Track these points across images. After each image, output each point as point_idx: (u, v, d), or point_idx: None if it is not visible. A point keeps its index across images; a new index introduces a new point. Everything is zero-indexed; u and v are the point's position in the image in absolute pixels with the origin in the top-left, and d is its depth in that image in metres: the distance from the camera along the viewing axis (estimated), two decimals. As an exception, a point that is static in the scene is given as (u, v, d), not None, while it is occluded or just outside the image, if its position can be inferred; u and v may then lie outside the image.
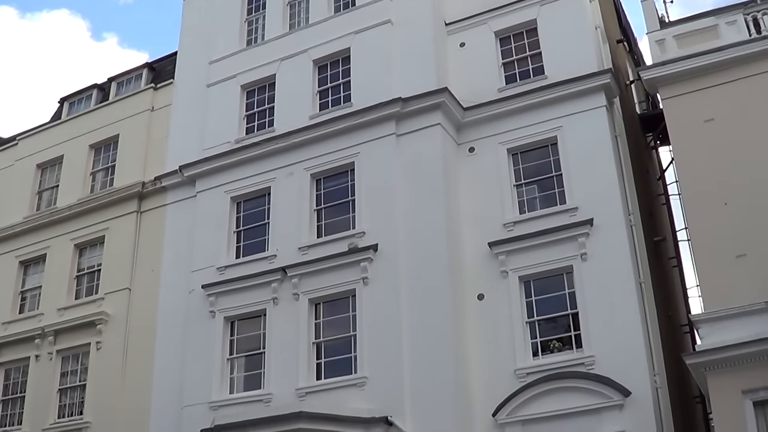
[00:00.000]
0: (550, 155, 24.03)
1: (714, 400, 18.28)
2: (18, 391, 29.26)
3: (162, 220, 28.68)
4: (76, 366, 28.33)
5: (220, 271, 25.88)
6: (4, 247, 31.91)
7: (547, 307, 22.53)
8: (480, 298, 23.07)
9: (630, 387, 20.61)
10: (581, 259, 22.26)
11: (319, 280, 24.11)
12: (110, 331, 27.76)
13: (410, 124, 24.77)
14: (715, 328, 18.63)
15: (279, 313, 24.44)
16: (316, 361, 23.66)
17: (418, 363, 22.04)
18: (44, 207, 32.13)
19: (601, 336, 21.37)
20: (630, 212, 23.01)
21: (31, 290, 30.93)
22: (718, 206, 21.13)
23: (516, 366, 21.92)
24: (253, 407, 23.33)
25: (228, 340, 25.15)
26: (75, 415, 27.60)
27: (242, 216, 26.74)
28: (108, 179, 30.95)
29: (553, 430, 21.04)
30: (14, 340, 29.58)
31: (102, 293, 28.63)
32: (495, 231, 23.47)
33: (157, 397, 25.91)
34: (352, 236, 24.17)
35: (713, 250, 20.93)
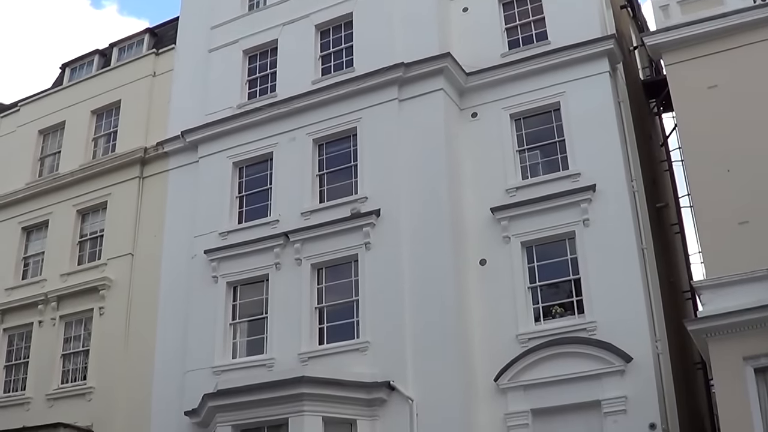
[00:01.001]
0: (552, 121, 23.97)
1: (715, 367, 18.28)
2: (21, 357, 29.33)
3: (164, 185, 28.68)
4: (79, 331, 28.39)
5: (222, 236, 25.91)
6: (6, 213, 31.92)
7: (549, 273, 22.56)
8: (482, 263, 23.10)
9: (631, 353, 20.64)
10: (583, 225, 22.26)
11: (322, 245, 24.14)
12: (113, 297, 27.81)
13: (413, 89, 24.70)
14: (717, 294, 18.60)
15: (281, 278, 24.49)
16: (319, 326, 23.73)
17: (420, 328, 22.12)
18: (46, 173, 32.11)
19: (602, 302, 21.39)
20: (632, 178, 22.99)
21: (33, 256, 30.94)
22: (721, 173, 21.07)
23: (518, 331, 21.97)
24: (255, 372, 23.49)
25: (230, 305, 25.23)
26: (78, 380, 27.67)
27: (244, 181, 26.74)
28: (110, 145, 30.90)
29: (554, 396, 21.09)
30: (17, 306, 29.63)
31: (105, 259, 28.66)
32: (497, 196, 23.46)
33: (160, 362, 26.01)
34: (355, 201, 24.19)
35: (715, 216, 20.89)
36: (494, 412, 21.61)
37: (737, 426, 17.40)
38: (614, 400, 20.49)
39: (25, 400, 28.09)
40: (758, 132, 21.21)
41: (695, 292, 20.80)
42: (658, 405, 20.33)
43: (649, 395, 20.41)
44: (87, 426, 26.28)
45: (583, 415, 20.85)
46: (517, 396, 21.52)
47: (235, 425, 22.21)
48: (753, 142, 21.15)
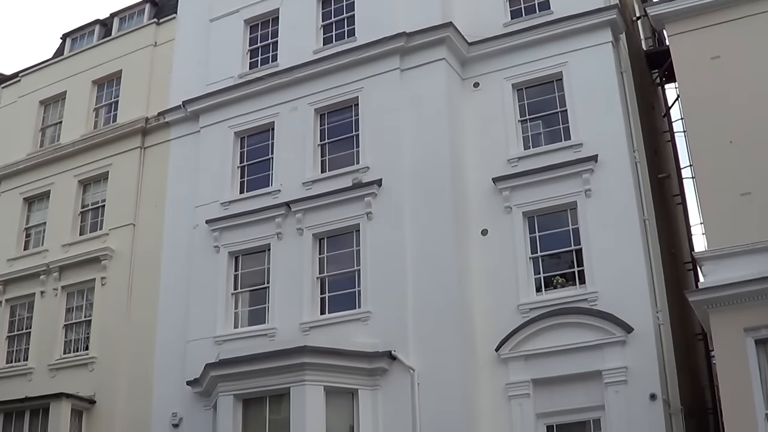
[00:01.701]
0: (555, 91, 23.86)
1: (716, 338, 18.27)
2: (24, 328, 29.43)
3: (165, 155, 28.65)
4: (81, 302, 28.45)
5: (224, 206, 25.91)
6: (8, 184, 31.96)
7: (550, 243, 22.54)
8: (484, 233, 23.09)
9: (632, 323, 20.67)
10: (585, 196, 22.22)
11: (323, 215, 24.15)
12: (115, 267, 27.85)
13: (414, 59, 24.60)
14: (719, 265, 18.56)
15: (283, 248, 24.51)
16: (320, 295, 23.78)
17: (421, 298, 22.15)
18: (47, 143, 32.11)
19: (604, 272, 21.39)
20: (635, 149, 22.91)
21: (35, 227, 30.98)
22: (724, 144, 20.98)
23: (519, 301, 21.99)
24: (257, 342, 23.57)
25: (232, 275, 25.27)
26: (81, 350, 27.76)
27: (246, 151, 26.69)
28: (111, 115, 30.83)
29: (555, 366, 21.15)
30: (19, 277, 29.69)
31: (106, 229, 28.69)
32: (499, 166, 23.40)
33: (162, 332, 26.10)
34: (356, 171, 24.17)
35: (718, 187, 20.83)
36: (495, 382, 21.66)
37: (738, 397, 17.38)
38: (615, 370, 20.53)
39: (27, 371, 28.18)
40: (761, 103, 21.11)
41: (696, 263, 20.76)
42: (658, 375, 20.34)
43: (650, 366, 20.43)
44: (89, 396, 26.46)
45: (583, 386, 20.91)
46: (518, 366, 21.56)
47: (237, 395, 22.24)
48: (756, 113, 21.05)
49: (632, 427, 19.98)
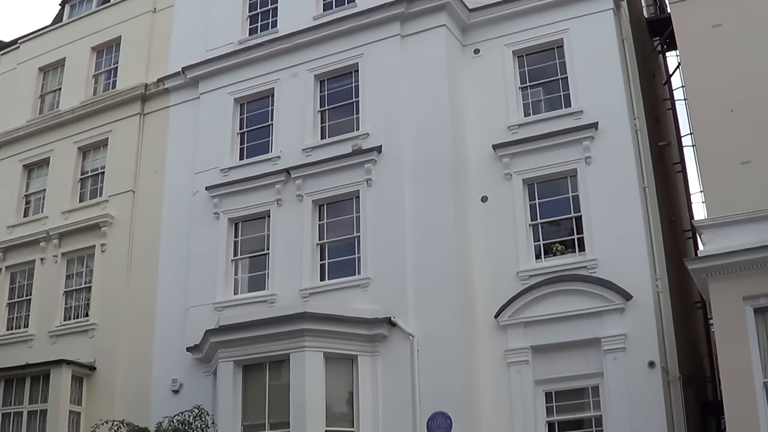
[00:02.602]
0: (555, 58, 23.75)
1: (715, 306, 18.23)
2: (24, 294, 29.44)
3: (165, 122, 28.54)
4: (81, 268, 28.44)
5: (223, 172, 25.87)
6: (7, 151, 31.87)
7: (550, 210, 22.52)
8: (484, 200, 23.06)
9: (631, 291, 20.69)
10: (585, 163, 22.17)
11: (323, 181, 24.12)
12: (115, 234, 27.83)
13: (415, 25, 24.45)
14: (718, 234, 18.49)
15: (283, 215, 24.50)
16: (320, 262, 23.79)
17: (421, 264, 22.15)
18: (47, 110, 31.94)
19: (603, 240, 21.37)
20: (635, 116, 22.81)
21: (35, 194, 30.93)
22: (724, 112, 20.84)
23: (518, 268, 21.99)
24: (257, 308, 23.58)
25: (232, 242, 25.26)
26: (81, 317, 27.78)
27: (246, 117, 26.61)
28: (110, 81, 30.68)
29: (554, 333, 21.20)
30: (19, 244, 29.67)
31: (106, 196, 28.63)
32: (499, 133, 23.31)
33: (162, 299, 26.12)
34: (356, 138, 24.11)
35: (718, 156, 20.71)
36: (494, 349, 21.70)
37: (736, 365, 17.35)
38: (614, 337, 20.56)
39: (27, 337, 28.23)
40: (762, 72, 20.98)
41: (696, 231, 20.74)
42: (657, 343, 20.39)
43: (649, 333, 20.48)
44: (90, 362, 26.50)
45: (582, 353, 20.98)
46: (517, 333, 21.60)
47: (237, 361, 22.31)
48: (757, 81, 20.89)
49: (630, 395, 20.03)
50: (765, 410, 16.96)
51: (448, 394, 20.91)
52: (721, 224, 18.65)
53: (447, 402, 20.90)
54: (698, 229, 19.71)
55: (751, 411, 16.88)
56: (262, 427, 21.83)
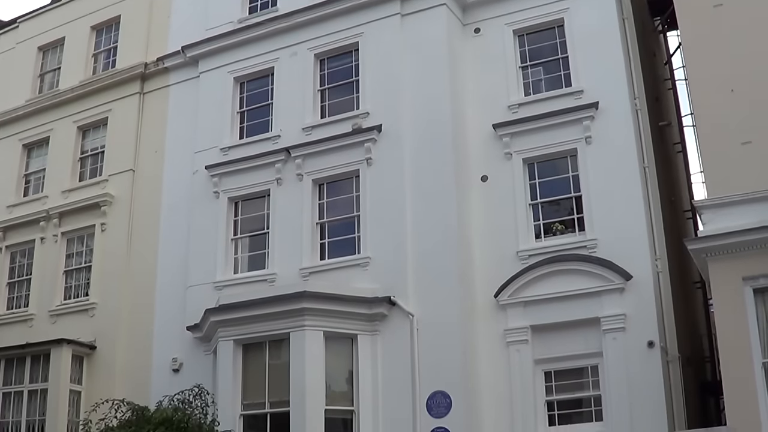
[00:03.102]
0: (556, 37, 23.66)
1: (714, 286, 18.25)
2: (24, 274, 29.48)
3: (165, 101, 28.48)
4: (81, 248, 28.45)
5: (223, 151, 25.84)
6: (7, 130, 31.79)
7: (550, 190, 22.52)
8: (484, 179, 23.04)
9: (631, 271, 20.70)
10: (585, 143, 22.14)
11: (323, 160, 24.11)
12: (115, 213, 27.82)
13: (415, 3, 24.32)
14: (718, 214, 18.49)
15: (283, 194, 24.50)
16: (320, 241, 23.82)
17: (421, 243, 22.18)
18: (46, 90, 31.86)
19: (603, 219, 21.38)
20: (636, 96, 22.71)
21: (35, 173, 30.91)
22: (725, 92, 20.72)
23: (518, 248, 22.00)
24: (257, 287, 23.63)
25: (232, 221, 25.27)
26: (81, 296, 27.83)
27: (245, 96, 26.56)
28: (110, 61, 30.57)
29: (554, 312, 21.23)
30: (19, 223, 29.68)
31: (106, 175, 28.60)
32: (499, 113, 23.26)
33: (162, 278, 26.16)
34: (356, 117, 24.09)
35: (718, 136, 20.61)
36: (494, 328, 21.75)
37: (735, 345, 17.40)
38: (613, 317, 20.60)
39: (28, 317, 28.28)
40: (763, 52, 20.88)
41: (696, 211, 20.72)
42: (656, 323, 20.44)
43: (648, 313, 20.51)
44: (90, 341, 26.56)
45: (582, 332, 21.02)
46: (516, 312, 21.64)
47: (237, 340, 22.40)
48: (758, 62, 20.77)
49: (630, 374, 20.08)
50: (764, 390, 17.02)
51: (447, 373, 20.96)
52: (721, 204, 18.63)
53: (446, 381, 20.97)
54: (698, 209, 19.70)
55: (749, 391, 16.93)
56: (262, 405, 21.95)
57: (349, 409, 21.58)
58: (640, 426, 19.68)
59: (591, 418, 20.70)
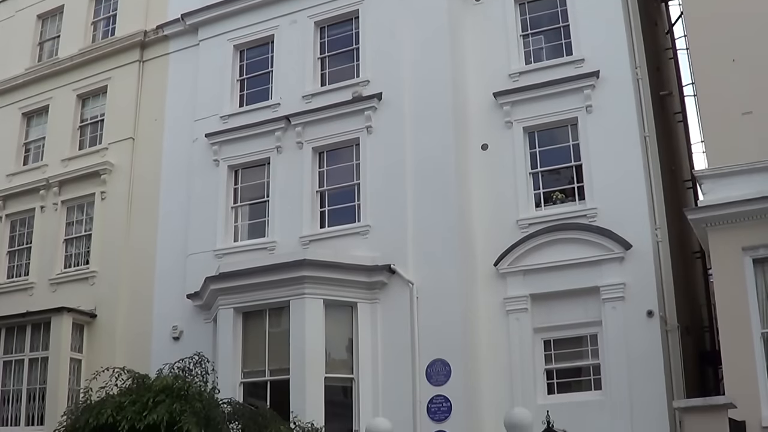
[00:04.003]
0: (557, 5, 23.47)
1: (714, 257, 18.31)
2: (24, 243, 29.48)
3: (165, 69, 28.36)
4: (81, 216, 28.47)
5: (223, 119, 25.79)
6: (6, 99, 31.67)
7: (550, 159, 22.48)
8: (484, 148, 22.98)
9: (631, 240, 20.70)
10: (586, 111, 22.08)
11: (323, 128, 24.05)
12: (114, 181, 27.80)
13: (416, -30, 24.19)
14: (718, 184, 18.51)
15: (283, 162, 24.48)
16: (320, 209, 23.83)
17: (420, 212, 22.19)
18: (45, 58, 31.72)
19: (603, 188, 21.36)
20: (637, 65, 22.59)
21: (34, 142, 30.84)
22: (726, 62, 20.68)
23: (518, 216, 21.99)
24: (257, 255, 23.66)
25: (232, 189, 25.26)
26: (81, 264, 27.87)
27: (245, 64, 26.46)
28: (109, 29, 30.40)
29: (553, 281, 21.26)
30: (19, 192, 29.66)
31: (105, 143, 28.53)
32: (500, 81, 23.17)
33: (162, 246, 26.19)
34: (356, 85, 24.02)
35: (719, 106, 20.58)
36: (493, 297, 21.79)
37: (734, 315, 17.50)
38: (613, 286, 20.64)
39: (28, 286, 28.34)
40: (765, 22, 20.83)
41: (696, 181, 20.75)
42: (656, 292, 20.47)
43: (648, 283, 20.53)
44: (90, 310, 26.62)
45: (581, 301, 21.07)
46: (516, 281, 21.67)
47: (237, 308, 22.46)
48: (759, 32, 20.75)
49: (629, 343, 20.14)
50: (762, 360, 17.15)
51: (447, 342, 21.02)
52: (721, 174, 18.66)
53: (446, 349, 21.04)
54: (698, 179, 19.73)
55: (748, 361, 17.03)
56: (262, 373, 22.05)
57: (349, 377, 21.68)
58: (638, 395, 19.75)
59: (590, 386, 20.77)
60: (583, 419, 19.64)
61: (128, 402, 16.77)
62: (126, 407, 16.60)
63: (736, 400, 15.40)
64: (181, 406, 16.49)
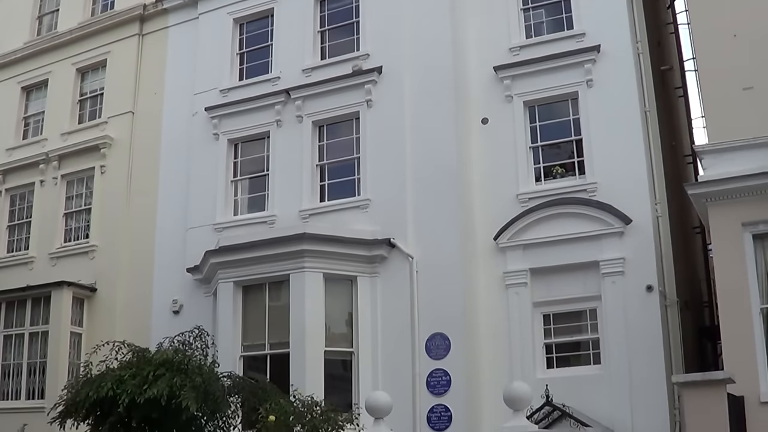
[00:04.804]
0: (558, -22, 23.46)
1: (714, 232, 18.27)
2: (24, 217, 29.52)
3: (164, 42, 28.23)
4: (81, 190, 28.46)
5: (223, 93, 25.72)
6: (5, 73, 31.58)
7: (551, 133, 22.41)
8: (484, 122, 22.91)
9: (631, 215, 20.68)
10: (587, 86, 22.00)
11: (323, 102, 24.01)
12: (114, 155, 27.77)
13: (416, -57, 24.05)
14: (719, 159, 18.42)
15: (283, 136, 24.43)
16: (320, 183, 23.83)
17: (420, 186, 22.17)
18: (45, 32, 31.62)
19: (604, 163, 21.30)
20: (638, 40, 22.48)
21: (34, 116, 30.78)
22: (728, 38, 20.60)
23: (518, 191, 21.96)
24: (257, 229, 23.66)
25: (232, 163, 25.23)
26: (81, 238, 27.90)
27: (245, 38, 26.35)
28: (109, 2, 30.24)
29: (553, 255, 21.25)
30: (19, 166, 29.66)
31: (105, 117, 28.48)
32: (501, 55, 23.04)
33: (162, 220, 26.19)
34: (357, 58, 23.94)
35: (720, 81, 20.49)
36: (493, 270, 21.78)
37: (734, 291, 17.43)
38: (612, 261, 20.64)
39: (28, 260, 28.38)
40: (767, -3, 20.81)
41: (697, 156, 20.64)
42: (655, 267, 20.47)
43: (647, 257, 20.52)
44: (90, 284, 26.67)
45: (581, 276, 21.08)
46: (516, 255, 21.66)
47: (237, 281, 22.51)
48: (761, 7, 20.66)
49: (628, 318, 20.16)
50: (761, 335, 17.12)
51: (446, 316, 21.07)
52: (721, 150, 18.56)
53: (445, 323, 21.09)
54: (699, 154, 19.62)
55: (747, 336, 17.00)
56: (261, 347, 22.12)
57: (349, 351, 21.74)
58: (637, 369, 19.78)
59: (589, 361, 20.82)
60: (581, 393, 19.73)
61: (128, 376, 16.75)
62: (126, 381, 16.59)
63: (734, 375, 15.41)
64: (181, 380, 16.47)
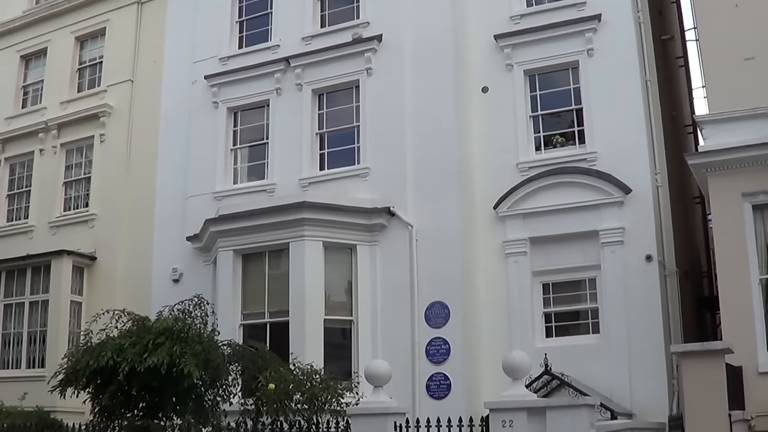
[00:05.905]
0: (559, -53, 23.30)
1: (713, 202, 18.26)
2: (23, 186, 29.58)
3: (163, 10, 28.08)
4: (80, 159, 28.48)
5: (222, 61, 25.61)
6: (4, 41, 31.49)
7: (551, 102, 22.36)
8: (484, 90, 22.85)
9: (631, 184, 20.68)
10: (587, 55, 21.92)
11: (323, 70, 23.92)
12: (113, 124, 27.76)
13: None
14: (719, 129, 18.40)
15: (282, 104, 24.38)
16: (320, 151, 23.79)
17: (420, 154, 22.14)
18: (44, 0, 31.37)
19: (604, 132, 21.27)
20: (639, 9, 22.38)
21: (33, 84, 30.75)
22: (729, 7, 20.50)
23: (518, 160, 21.94)
24: (256, 197, 23.68)
25: (231, 131, 25.18)
26: (81, 207, 27.97)
27: (244, 6, 26.17)
28: (108, -30, 30.23)
29: (553, 225, 21.26)
30: (18, 135, 29.67)
31: (104, 86, 28.44)
32: (501, 23, 22.95)
33: (162, 188, 26.19)
34: (357, 26, 23.83)
35: (721, 51, 20.41)
36: (493, 239, 21.82)
37: (733, 261, 17.49)
38: (612, 230, 20.66)
39: (28, 229, 28.47)
40: (769, -34, 20.69)
41: (697, 126, 20.61)
42: (655, 237, 20.49)
43: (647, 227, 20.55)
44: (90, 252, 26.74)
45: (580, 245, 21.10)
46: (515, 224, 21.68)
47: (237, 250, 22.54)
48: (762, -24, 20.66)
49: (627, 287, 20.22)
50: (760, 306, 17.18)
51: (446, 284, 21.11)
52: (722, 120, 18.54)
53: (445, 292, 21.14)
54: (699, 125, 19.60)
55: (746, 306, 17.04)
56: (261, 315, 22.19)
57: (348, 319, 21.81)
58: (636, 339, 19.85)
59: (588, 330, 20.89)
60: (580, 362, 19.77)
61: (128, 344, 16.81)
62: (126, 349, 16.65)
63: (733, 346, 15.42)
64: (181, 348, 16.51)
